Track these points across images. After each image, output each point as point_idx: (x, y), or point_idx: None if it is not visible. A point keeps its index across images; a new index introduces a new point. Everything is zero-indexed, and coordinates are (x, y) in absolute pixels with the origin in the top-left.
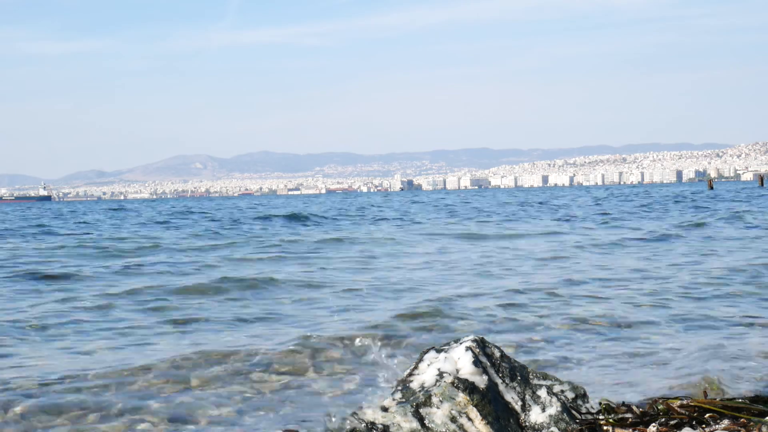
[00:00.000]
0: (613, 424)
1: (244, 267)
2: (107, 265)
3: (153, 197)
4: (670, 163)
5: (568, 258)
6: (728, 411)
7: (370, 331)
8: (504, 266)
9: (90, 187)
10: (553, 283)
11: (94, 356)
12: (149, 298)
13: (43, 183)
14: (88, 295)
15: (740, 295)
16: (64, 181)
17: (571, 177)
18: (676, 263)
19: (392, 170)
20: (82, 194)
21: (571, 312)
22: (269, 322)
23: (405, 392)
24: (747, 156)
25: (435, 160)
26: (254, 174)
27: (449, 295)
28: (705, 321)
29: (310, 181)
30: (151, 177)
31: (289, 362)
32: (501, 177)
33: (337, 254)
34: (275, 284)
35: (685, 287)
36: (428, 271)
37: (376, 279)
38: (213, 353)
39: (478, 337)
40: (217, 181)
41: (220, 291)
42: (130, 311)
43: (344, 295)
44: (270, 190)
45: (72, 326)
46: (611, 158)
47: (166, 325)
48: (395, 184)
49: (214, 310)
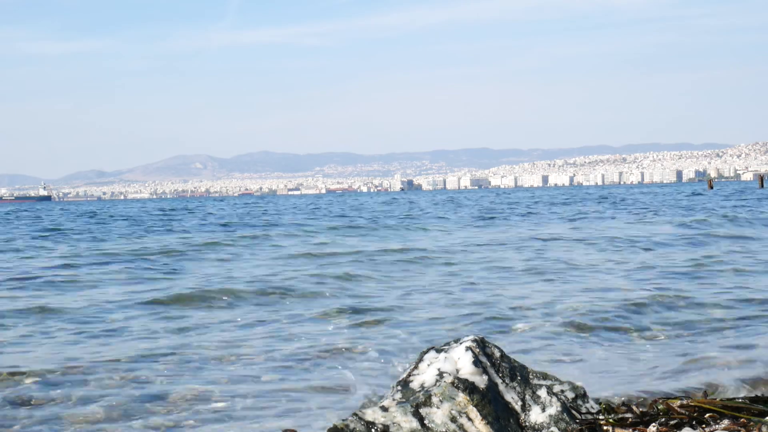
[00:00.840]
0: (613, 424)
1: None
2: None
3: (153, 197)
4: (670, 163)
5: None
6: (728, 411)
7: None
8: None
9: (90, 187)
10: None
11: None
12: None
13: (43, 183)
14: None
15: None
16: (64, 181)
17: (571, 177)
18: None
19: (392, 170)
20: (82, 194)
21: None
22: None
23: (405, 392)
24: (747, 156)
25: (435, 160)
26: (254, 174)
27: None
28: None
29: (310, 181)
30: (151, 177)
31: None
32: (501, 177)
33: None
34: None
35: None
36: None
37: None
38: None
39: (478, 337)
40: (217, 181)
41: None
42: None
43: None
44: (270, 190)
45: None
46: (611, 158)
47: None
48: (395, 184)
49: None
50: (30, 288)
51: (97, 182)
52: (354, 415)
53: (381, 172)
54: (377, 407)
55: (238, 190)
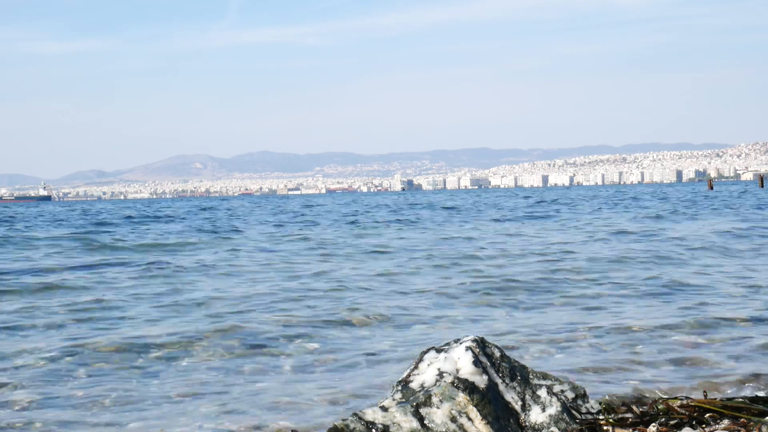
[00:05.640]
0: (613, 424)
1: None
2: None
3: (153, 197)
4: (670, 163)
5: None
6: (728, 411)
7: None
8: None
9: (90, 187)
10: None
11: None
12: None
13: (43, 183)
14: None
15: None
16: (64, 181)
17: (571, 177)
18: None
19: (392, 170)
20: (82, 194)
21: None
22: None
23: (405, 392)
24: (747, 156)
25: (435, 160)
26: (254, 174)
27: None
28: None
29: (310, 181)
30: (151, 177)
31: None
32: (501, 177)
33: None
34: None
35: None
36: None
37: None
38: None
39: (478, 337)
40: (217, 181)
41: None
42: None
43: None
44: (270, 190)
45: None
46: (611, 158)
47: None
48: (395, 184)
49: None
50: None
51: (97, 182)
52: (354, 415)
53: (381, 172)
54: (377, 407)
55: (238, 190)
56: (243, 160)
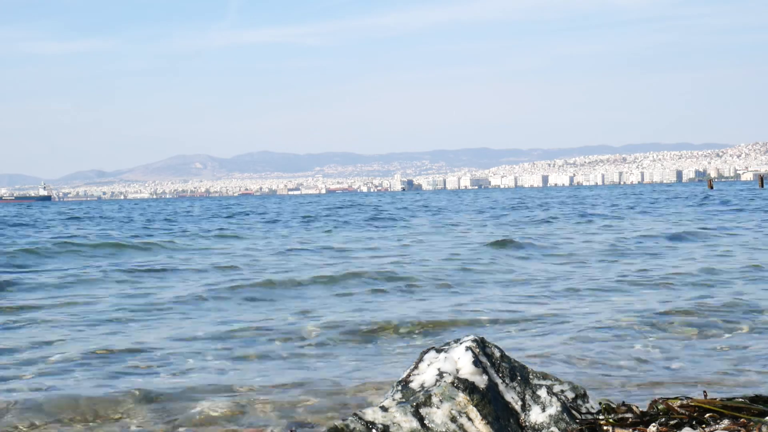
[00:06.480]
0: (613, 424)
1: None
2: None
3: (153, 197)
4: (670, 163)
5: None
6: (728, 411)
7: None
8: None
9: (90, 187)
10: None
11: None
12: None
13: (43, 183)
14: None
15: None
16: (64, 181)
17: (571, 177)
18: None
19: (392, 170)
20: (82, 194)
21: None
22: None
23: (405, 392)
24: (747, 156)
25: (435, 160)
26: (254, 174)
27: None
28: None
29: (310, 181)
30: (151, 177)
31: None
32: (501, 177)
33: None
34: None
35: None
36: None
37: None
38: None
39: (478, 337)
40: (217, 181)
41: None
42: None
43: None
44: (270, 190)
45: None
46: (611, 158)
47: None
48: (395, 184)
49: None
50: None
51: (97, 182)
52: (354, 415)
53: (381, 172)
54: (377, 407)
55: (238, 190)
56: (243, 160)
